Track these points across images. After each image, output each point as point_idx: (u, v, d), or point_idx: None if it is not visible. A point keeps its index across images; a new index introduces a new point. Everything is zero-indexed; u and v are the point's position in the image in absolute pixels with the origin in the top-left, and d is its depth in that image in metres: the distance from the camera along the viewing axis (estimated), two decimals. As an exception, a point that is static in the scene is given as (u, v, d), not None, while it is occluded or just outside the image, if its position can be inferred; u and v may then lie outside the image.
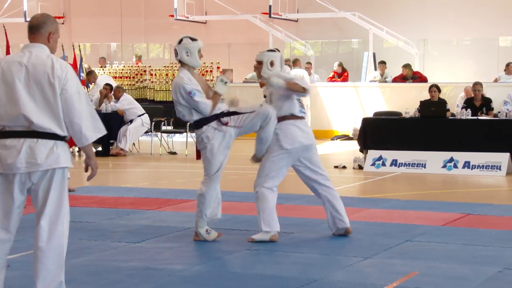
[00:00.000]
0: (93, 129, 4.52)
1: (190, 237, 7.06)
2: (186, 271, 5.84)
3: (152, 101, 18.51)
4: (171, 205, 8.88)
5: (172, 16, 21.70)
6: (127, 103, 14.99)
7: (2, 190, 4.51)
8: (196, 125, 6.85)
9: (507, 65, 17.57)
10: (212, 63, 18.90)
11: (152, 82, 18.93)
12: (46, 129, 4.44)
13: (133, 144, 15.19)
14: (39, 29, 4.54)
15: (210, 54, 20.45)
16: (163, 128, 15.56)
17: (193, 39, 6.87)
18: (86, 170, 4.66)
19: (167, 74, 18.64)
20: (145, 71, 19.18)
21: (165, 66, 19.01)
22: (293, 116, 6.85)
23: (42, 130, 4.43)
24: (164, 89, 18.57)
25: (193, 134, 15.26)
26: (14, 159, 4.41)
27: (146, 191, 10.05)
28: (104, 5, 23.77)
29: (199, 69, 18.50)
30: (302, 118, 6.93)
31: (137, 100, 16.08)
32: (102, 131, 4.59)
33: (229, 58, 21.86)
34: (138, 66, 19.53)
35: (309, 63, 19.24)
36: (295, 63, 17.91)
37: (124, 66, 19.35)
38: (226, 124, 6.72)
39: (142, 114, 15.02)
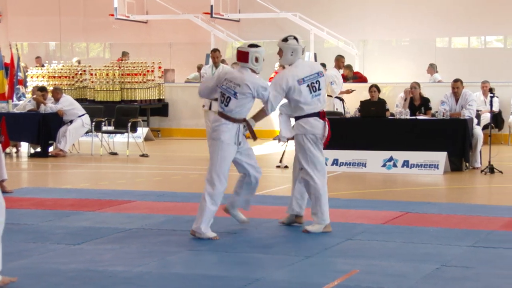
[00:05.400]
0: None
1: (132, 238, 7.01)
2: (127, 273, 5.79)
3: (93, 101, 18.27)
4: (112, 206, 8.79)
5: (112, 15, 21.48)
6: (68, 104, 14.77)
7: None
8: None
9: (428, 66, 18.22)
10: (153, 63, 18.76)
11: (92, 82, 18.69)
12: None
13: (73, 144, 14.99)
14: None
15: (151, 54, 20.33)
16: (104, 128, 15.39)
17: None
18: None
19: (107, 74, 18.42)
20: (84, 70, 18.93)
21: (105, 66, 18.78)
22: None
23: None
24: (105, 89, 18.35)
25: (134, 134, 15.27)
26: None
27: (86, 192, 9.93)
28: (42, 3, 23.38)
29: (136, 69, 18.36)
30: (218, 112, 7.18)
31: (76, 100, 15.84)
32: None
33: (171, 58, 21.76)
34: (78, 66, 19.25)
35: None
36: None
37: (63, 66, 19.05)
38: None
39: (83, 115, 14.83)
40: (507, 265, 5.98)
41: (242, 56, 7.07)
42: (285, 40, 7.30)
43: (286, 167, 12.44)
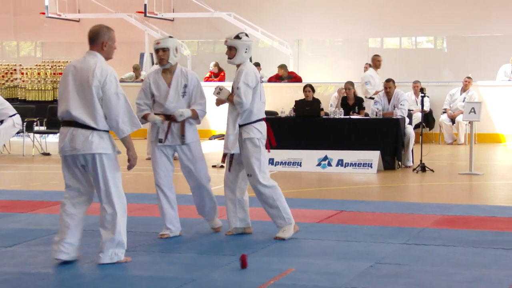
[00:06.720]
0: (129, 124, 5.66)
1: (65, 240, 6.89)
2: (60, 275, 5.71)
3: (24, 101, 17.94)
4: (45, 207, 8.64)
5: (44, 13, 21.09)
6: (-3, 104, 14.44)
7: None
8: None
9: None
10: (86, 62, 18.49)
11: (23, 81, 18.33)
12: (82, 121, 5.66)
13: (4, 145, 14.66)
14: None
15: (83, 53, 19.94)
16: (36, 128, 15.10)
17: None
18: (128, 161, 5.79)
19: (39, 73, 18.09)
20: (15, 70, 18.55)
21: (36, 65, 18.45)
22: None
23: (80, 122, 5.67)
24: (36, 89, 18.01)
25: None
26: (62, 143, 5.84)
27: (18, 194, 9.74)
28: (-30, 1, 22.82)
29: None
30: None
31: (7, 100, 15.46)
32: (138, 125, 5.72)
33: (104, 57, 21.47)
34: (8, 65, 18.83)
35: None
36: None
37: (-8, 65, 18.64)
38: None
39: (14, 115, 14.46)
40: (438, 262, 6.11)
41: None
42: (238, 37, 6.97)
43: (222, 166, 12.44)
